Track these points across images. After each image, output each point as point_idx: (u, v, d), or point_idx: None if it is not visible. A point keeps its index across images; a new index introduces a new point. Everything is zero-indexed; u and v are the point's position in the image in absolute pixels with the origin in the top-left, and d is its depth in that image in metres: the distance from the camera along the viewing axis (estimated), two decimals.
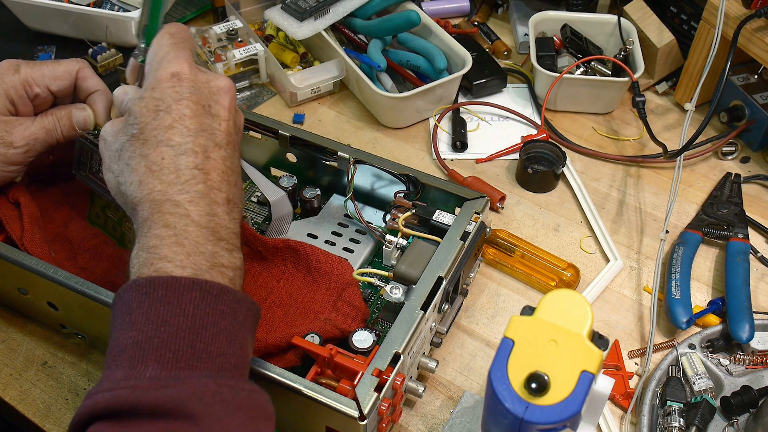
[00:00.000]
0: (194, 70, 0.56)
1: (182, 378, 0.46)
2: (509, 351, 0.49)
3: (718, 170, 0.90)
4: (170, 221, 0.51)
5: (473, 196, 0.72)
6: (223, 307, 0.49)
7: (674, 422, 0.65)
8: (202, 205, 0.52)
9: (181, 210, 0.51)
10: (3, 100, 0.65)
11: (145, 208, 0.52)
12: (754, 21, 0.83)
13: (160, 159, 0.52)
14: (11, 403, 0.67)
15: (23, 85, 0.66)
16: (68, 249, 0.70)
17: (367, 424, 0.56)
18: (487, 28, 1.09)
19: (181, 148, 0.53)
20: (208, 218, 0.52)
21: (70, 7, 0.95)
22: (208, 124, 0.55)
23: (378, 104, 0.93)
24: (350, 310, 0.66)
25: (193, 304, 0.48)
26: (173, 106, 0.54)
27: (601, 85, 0.95)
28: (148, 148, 0.53)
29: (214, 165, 0.54)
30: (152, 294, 0.48)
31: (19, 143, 0.65)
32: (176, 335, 0.47)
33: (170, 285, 0.48)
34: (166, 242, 0.50)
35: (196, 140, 0.53)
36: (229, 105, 0.57)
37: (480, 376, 0.70)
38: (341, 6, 0.96)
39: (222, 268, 0.52)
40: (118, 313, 0.49)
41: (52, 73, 0.67)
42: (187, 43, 0.58)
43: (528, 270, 0.78)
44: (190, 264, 0.50)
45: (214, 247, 0.51)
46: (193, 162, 0.53)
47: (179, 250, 0.50)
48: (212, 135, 0.54)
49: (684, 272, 0.76)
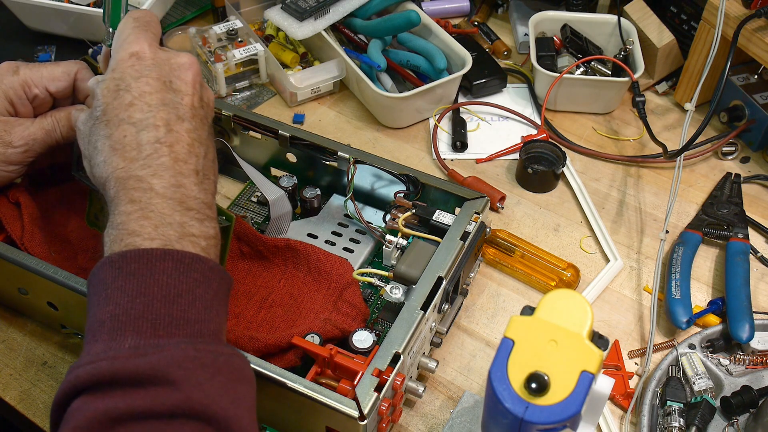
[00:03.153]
0: (155, 48, 0.57)
1: (161, 346, 0.47)
2: (509, 351, 0.49)
3: (718, 170, 0.90)
4: (135, 196, 0.51)
5: (473, 196, 0.72)
6: (197, 275, 0.50)
7: (674, 422, 0.65)
8: (167, 177, 0.52)
9: (144, 184, 0.52)
10: (2, 100, 0.66)
11: (112, 187, 0.53)
12: (754, 21, 0.83)
13: (122, 137, 0.53)
14: (11, 403, 0.67)
15: (22, 86, 0.66)
16: (68, 249, 0.70)
17: (367, 424, 0.56)
18: (487, 28, 1.09)
19: (142, 124, 0.53)
20: (173, 189, 0.52)
21: (70, 7, 0.95)
22: (170, 98, 0.55)
23: (378, 104, 0.93)
24: (350, 310, 0.66)
25: (166, 274, 0.49)
26: (133, 84, 0.54)
27: (601, 85, 0.95)
28: (111, 128, 0.54)
29: (178, 137, 0.54)
30: (125, 268, 0.49)
31: (18, 143, 0.65)
32: (152, 305, 0.48)
33: (142, 257, 0.49)
34: (132, 217, 0.51)
35: (158, 114, 0.54)
36: (192, 80, 0.57)
37: (480, 376, 0.70)
38: (341, 6, 0.96)
39: (192, 237, 0.52)
40: (94, 291, 0.50)
41: (51, 74, 0.67)
42: (149, 26, 0.58)
43: (528, 270, 0.78)
44: (158, 236, 0.50)
45: (182, 218, 0.52)
46: (155, 136, 0.53)
47: (146, 223, 0.51)
48: (175, 109, 0.55)
49: (684, 272, 0.76)
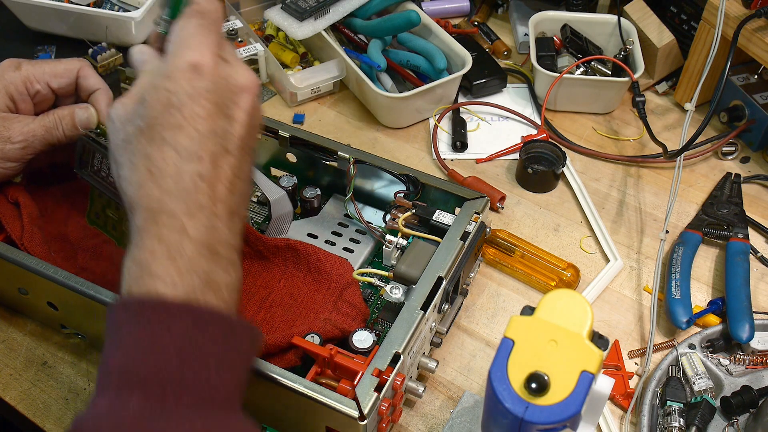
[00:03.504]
0: (217, 60, 0.51)
1: (167, 414, 0.43)
2: (509, 351, 0.49)
3: (718, 170, 0.90)
4: (164, 235, 0.48)
5: (473, 196, 0.72)
6: (215, 333, 0.46)
7: (674, 422, 0.65)
8: (201, 217, 0.48)
9: (176, 222, 0.48)
10: (3, 96, 0.65)
11: (140, 215, 0.49)
12: (754, 21, 0.83)
13: (162, 162, 0.49)
14: (11, 403, 0.67)
15: (24, 82, 0.66)
16: (68, 248, 0.70)
17: (367, 424, 0.56)
18: (487, 28, 1.09)
19: (186, 153, 0.49)
20: (206, 232, 0.48)
21: (70, 7, 0.95)
22: (222, 126, 0.50)
23: (378, 104, 0.93)
24: (350, 310, 0.66)
25: (183, 330, 0.45)
26: (186, 103, 0.49)
27: (601, 85, 0.95)
28: (152, 146, 0.49)
29: (221, 174, 0.50)
30: (141, 316, 0.46)
31: (17, 138, 0.65)
32: (164, 364, 0.44)
33: (160, 308, 0.46)
34: (158, 258, 0.47)
35: (205, 145, 0.49)
36: (249, 106, 0.52)
37: (480, 376, 0.70)
38: (341, 6, 0.96)
39: (216, 287, 0.48)
40: (109, 332, 0.47)
41: (53, 70, 0.67)
42: (215, 26, 0.53)
43: (528, 270, 0.78)
44: (182, 283, 0.47)
45: (209, 265, 0.48)
46: (197, 170, 0.49)
47: (171, 267, 0.47)
48: (224, 139, 0.50)
49: (684, 272, 0.76)
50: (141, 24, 0.95)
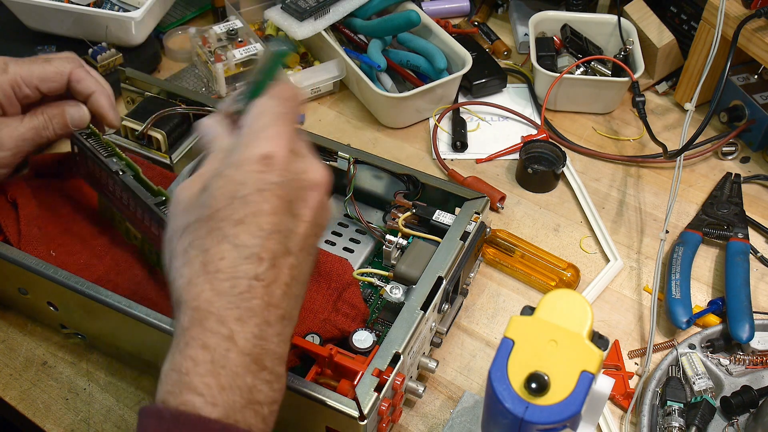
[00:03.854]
0: (290, 155, 0.47)
1: None
2: (509, 351, 0.49)
3: (718, 170, 0.90)
4: (210, 342, 0.44)
5: (473, 196, 0.72)
6: None
7: (674, 422, 0.65)
8: (251, 324, 0.44)
9: (224, 329, 0.44)
10: None
11: (187, 316, 0.45)
12: (754, 21, 0.83)
13: (218, 258, 0.45)
14: (11, 403, 0.67)
15: (11, 85, 0.62)
16: (74, 243, 0.70)
17: (367, 424, 0.56)
18: (487, 28, 1.09)
19: (246, 252, 0.45)
20: (254, 342, 0.44)
21: (70, 7, 0.95)
22: (286, 225, 0.46)
23: (378, 104, 0.93)
24: (350, 311, 0.66)
25: None
26: (252, 197, 0.45)
27: (601, 85, 0.95)
28: (211, 240, 0.45)
29: (278, 275, 0.46)
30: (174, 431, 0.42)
31: (8, 145, 0.63)
32: None
33: (196, 427, 0.42)
34: (200, 369, 0.43)
35: (266, 243, 0.45)
36: (317, 205, 0.48)
37: (480, 376, 0.70)
38: (341, 6, 0.96)
39: (257, 405, 0.44)
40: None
41: (42, 73, 0.63)
42: (293, 116, 0.49)
43: (528, 270, 0.78)
44: (222, 401, 0.43)
45: (253, 380, 0.44)
46: (254, 271, 0.45)
47: (213, 382, 0.43)
48: (286, 238, 0.46)
49: (684, 272, 0.76)
50: (141, 24, 0.95)
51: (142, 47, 0.99)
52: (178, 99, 0.82)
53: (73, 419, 0.66)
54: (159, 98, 0.82)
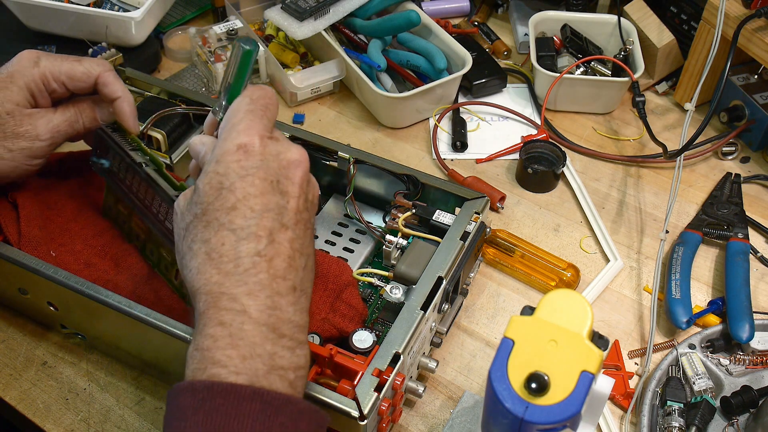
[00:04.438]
0: (265, 141, 0.51)
1: None
2: (509, 351, 0.49)
3: (718, 170, 0.90)
4: (226, 319, 0.47)
5: (473, 196, 0.72)
6: (284, 419, 0.45)
7: (674, 422, 0.65)
8: (262, 297, 0.48)
9: (237, 305, 0.47)
10: (24, 93, 0.64)
11: (202, 300, 0.48)
12: (754, 21, 0.83)
13: (219, 245, 0.48)
14: (11, 403, 0.67)
15: (42, 79, 0.65)
16: (75, 243, 0.70)
17: (367, 424, 0.56)
18: (487, 28, 1.09)
19: (243, 233, 0.48)
20: (268, 313, 0.47)
21: (70, 7, 0.95)
22: (275, 202, 0.50)
23: (378, 104, 0.93)
24: (348, 311, 0.66)
25: (251, 417, 0.44)
26: (237, 184, 0.49)
27: (601, 85, 0.95)
28: (209, 231, 0.49)
29: (279, 249, 0.49)
30: (209, 402, 0.44)
31: (45, 136, 0.65)
32: None
33: (229, 394, 0.44)
34: (220, 344, 0.46)
35: (261, 222, 0.49)
36: (300, 180, 0.52)
37: (480, 376, 0.70)
38: (341, 6, 0.96)
39: (281, 371, 0.47)
40: (171, 417, 0.46)
41: (71, 72, 0.65)
42: (266, 111, 0.53)
43: (528, 270, 0.78)
44: (245, 369, 0.45)
45: (273, 347, 0.47)
46: (255, 248, 0.48)
47: (234, 353, 0.46)
48: (279, 215, 0.50)
49: (684, 272, 0.76)
50: (141, 24, 0.95)
51: (142, 47, 0.99)
52: (178, 99, 0.82)
53: (73, 419, 0.66)
54: (159, 98, 0.82)
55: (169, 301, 0.66)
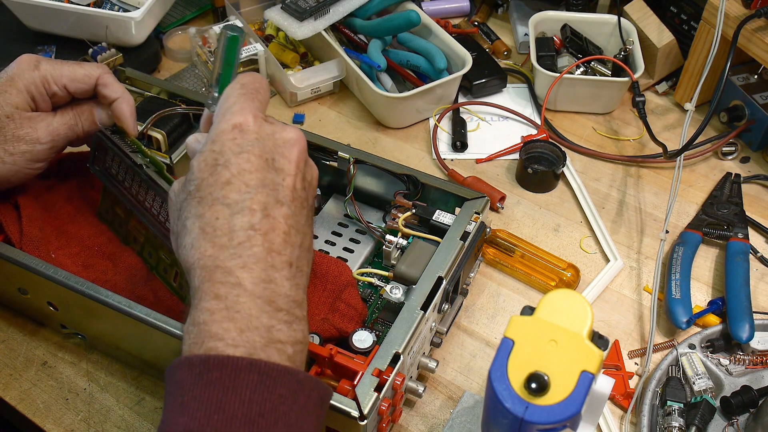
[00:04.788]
0: (260, 121, 0.52)
1: None
2: (509, 351, 0.49)
3: (718, 170, 0.90)
4: (221, 292, 0.47)
5: (473, 196, 0.72)
6: (283, 391, 0.45)
7: (674, 422, 0.65)
8: (257, 270, 0.47)
9: (231, 278, 0.47)
10: (24, 96, 0.65)
11: (197, 275, 0.48)
12: (754, 21, 0.83)
13: (213, 219, 0.48)
14: (11, 403, 0.67)
15: (42, 82, 0.65)
16: (72, 245, 0.70)
17: (367, 424, 0.56)
18: (487, 28, 1.09)
19: (237, 207, 0.48)
20: (263, 286, 0.47)
21: (70, 7, 0.95)
22: (271, 179, 0.50)
23: (378, 104, 0.93)
24: (347, 311, 0.66)
25: (249, 388, 0.44)
26: (232, 160, 0.49)
27: (601, 85, 0.95)
28: (203, 206, 0.49)
29: (274, 224, 0.49)
30: (206, 375, 0.44)
31: (45, 139, 0.65)
32: (230, 424, 0.43)
33: (226, 366, 0.44)
34: (216, 317, 0.46)
35: (256, 197, 0.49)
36: (297, 158, 0.52)
37: (480, 376, 0.70)
38: (341, 6, 0.96)
39: (279, 344, 0.47)
40: (170, 392, 0.46)
41: (72, 74, 0.66)
42: (257, 94, 0.54)
43: (528, 270, 0.78)
44: (242, 342, 0.45)
45: (270, 320, 0.47)
46: (249, 221, 0.48)
47: (231, 326, 0.46)
48: (274, 191, 0.50)
49: (684, 272, 0.76)
50: (141, 24, 0.95)
51: (142, 47, 0.99)
52: (178, 99, 0.82)
53: (73, 419, 0.66)
54: (159, 98, 0.82)
55: (168, 302, 0.66)
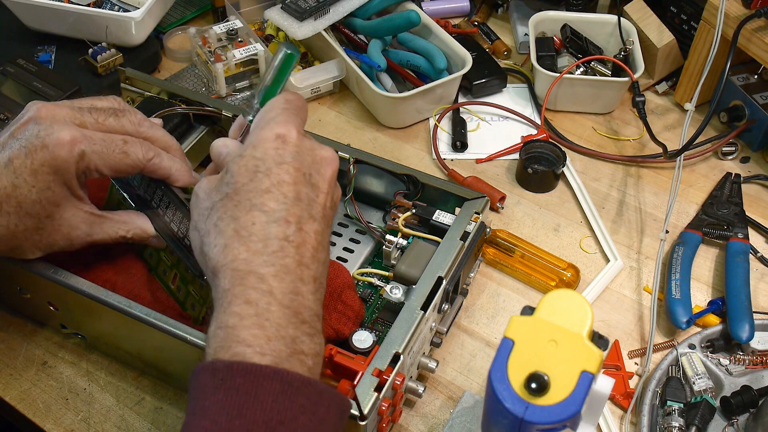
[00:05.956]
0: (301, 136, 0.53)
1: None
2: (509, 351, 0.49)
3: (718, 170, 0.90)
4: (252, 297, 0.47)
5: (473, 196, 0.72)
6: (304, 401, 0.45)
7: (674, 422, 0.65)
8: (287, 281, 0.48)
9: (264, 285, 0.48)
10: (64, 191, 0.59)
11: (227, 278, 0.48)
12: (754, 21, 0.83)
13: (250, 224, 0.49)
14: (11, 403, 0.67)
15: (84, 172, 0.59)
16: None
17: (367, 424, 0.56)
18: (487, 28, 1.09)
19: (274, 215, 0.49)
20: (291, 297, 0.48)
21: (70, 7, 0.95)
22: (306, 193, 0.51)
23: (378, 104, 0.93)
24: (345, 312, 0.66)
25: (272, 396, 0.44)
26: (273, 169, 0.50)
27: (601, 85, 0.95)
28: (240, 210, 0.50)
29: (306, 238, 0.50)
30: (229, 381, 0.44)
31: (81, 228, 0.61)
32: (251, 431, 0.43)
33: (249, 373, 0.45)
34: (246, 323, 0.46)
35: (291, 209, 0.50)
36: (330, 177, 0.54)
37: (480, 376, 0.70)
38: (341, 6, 0.96)
39: (302, 355, 0.47)
40: (192, 396, 0.46)
41: (116, 165, 0.60)
42: (300, 112, 0.55)
43: (528, 270, 0.78)
44: (270, 350, 0.46)
45: (295, 331, 0.47)
46: (284, 232, 0.49)
47: (260, 333, 0.46)
48: (309, 206, 0.51)
49: (684, 272, 0.76)
50: (141, 24, 0.95)
51: (142, 47, 0.99)
52: (178, 99, 0.82)
53: (73, 419, 0.66)
54: (159, 98, 0.82)
55: (166, 303, 0.66)
